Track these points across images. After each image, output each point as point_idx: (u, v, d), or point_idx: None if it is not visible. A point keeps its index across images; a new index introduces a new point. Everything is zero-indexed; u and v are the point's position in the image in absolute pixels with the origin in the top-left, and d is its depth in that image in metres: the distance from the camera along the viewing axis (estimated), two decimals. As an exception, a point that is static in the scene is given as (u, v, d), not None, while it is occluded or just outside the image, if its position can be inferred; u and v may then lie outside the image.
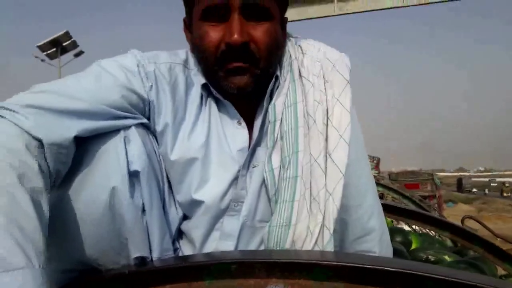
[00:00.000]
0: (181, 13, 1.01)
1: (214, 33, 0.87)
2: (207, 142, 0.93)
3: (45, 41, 19.00)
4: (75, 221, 0.76)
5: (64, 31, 19.12)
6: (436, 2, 4.49)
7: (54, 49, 19.29)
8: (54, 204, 0.73)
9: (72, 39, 19.57)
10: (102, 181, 0.77)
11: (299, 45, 1.02)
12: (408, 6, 4.51)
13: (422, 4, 4.50)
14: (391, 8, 4.59)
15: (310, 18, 4.77)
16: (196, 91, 0.96)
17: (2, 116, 0.70)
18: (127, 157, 0.80)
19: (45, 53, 19.28)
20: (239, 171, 0.93)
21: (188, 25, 0.98)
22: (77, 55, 20.34)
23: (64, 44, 19.40)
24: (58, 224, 0.75)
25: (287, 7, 1.00)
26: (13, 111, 0.70)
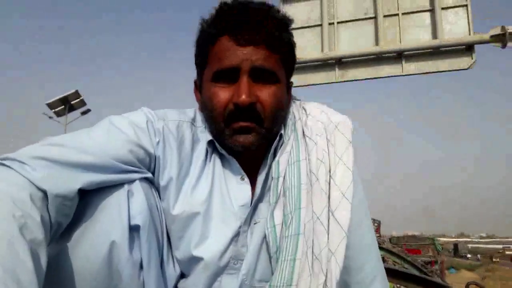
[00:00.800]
0: (188, 73, 1.06)
1: (223, 94, 0.91)
2: (210, 197, 0.93)
3: (54, 99, 19.40)
4: (71, 275, 0.75)
5: (74, 90, 19.60)
6: (434, 72, 4.67)
7: (62, 106, 19.66)
8: (52, 256, 0.72)
9: (81, 98, 20.01)
10: (102, 234, 0.76)
11: (303, 107, 1.06)
12: (406, 75, 4.70)
13: (420, 74, 4.69)
14: (390, 76, 4.78)
15: (313, 84, 4.97)
16: (201, 147, 0.98)
17: (10, 167, 0.71)
18: (129, 211, 0.80)
19: (53, 110, 19.61)
20: (240, 227, 0.92)
21: (199, 86, 1.03)
22: (84, 113, 20.63)
23: (72, 102, 19.79)
24: (54, 278, 0.73)
25: (293, 72, 1.05)
26: (22, 162, 0.72)
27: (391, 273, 2.04)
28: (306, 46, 4.94)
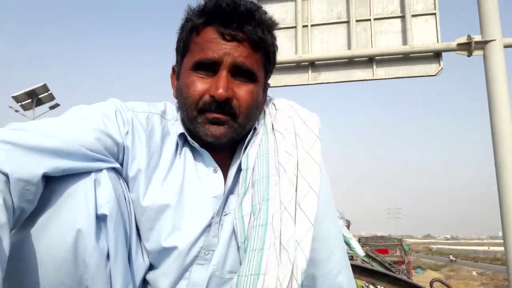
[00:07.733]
0: (160, 72, 1.09)
1: (201, 84, 0.93)
2: (181, 189, 0.94)
3: (21, 92, 18.66)
4: (35, 264, 0.73)
5: (42, 83, 18.92)
6: (405, 77, 4.79)
7: (29, 100, 18.95)
8: (15, 245, 0.71)
9: (49, 92, 19.31)
10: (68, 222, 0.75)
11: (273, 103, 1.08)
12: (377, 79, 4.81)
13: (391, 78, 4.81)
14: (361, 80, 4.88)
15: (287, 86, 5.01)
16: (172, 140, 0.98)
17: None
18: (95, 200, 0.78)
19: (19, 104, 18.86)
20: (213, 217, 0.93)
21: (176, 72, 1.03)
22: (52, 107, 19.90)
23: (40, 96, 19.09)
24: (17, 267, 0.72)
25: (271, 74, 1.08)
26: None
27: (359, 270, 2.08)
28: (279, 47, 4.97)
